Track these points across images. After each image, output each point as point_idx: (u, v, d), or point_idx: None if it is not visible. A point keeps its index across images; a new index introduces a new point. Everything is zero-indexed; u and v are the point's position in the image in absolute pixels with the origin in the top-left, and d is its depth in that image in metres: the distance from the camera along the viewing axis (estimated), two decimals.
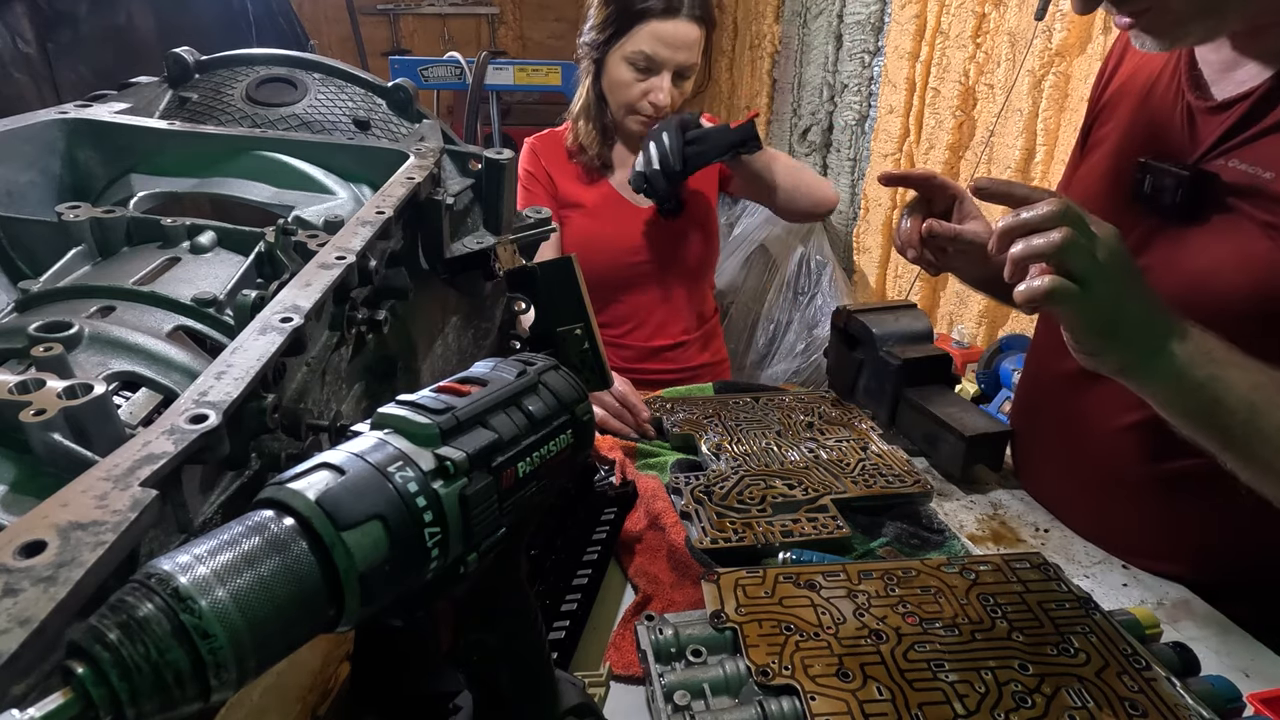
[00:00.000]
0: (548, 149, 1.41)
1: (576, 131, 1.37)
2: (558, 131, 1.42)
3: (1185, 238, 0.70)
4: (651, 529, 0.76)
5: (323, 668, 0.50)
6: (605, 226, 1.38)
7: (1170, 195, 0.69)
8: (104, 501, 0.26)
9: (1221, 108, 0.68)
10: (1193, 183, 0.68)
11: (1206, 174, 0.67)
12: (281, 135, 0.64)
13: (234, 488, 0.35)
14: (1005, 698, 0.53)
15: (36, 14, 2.04)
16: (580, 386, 0.40)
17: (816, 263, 2.59)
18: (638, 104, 1.30)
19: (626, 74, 1.28)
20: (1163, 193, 0.70)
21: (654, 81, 1.28)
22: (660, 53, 1.25)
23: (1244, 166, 0.65)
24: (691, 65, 1.29)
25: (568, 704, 0.46)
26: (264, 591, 0.25)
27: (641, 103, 1.29)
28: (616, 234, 1.38)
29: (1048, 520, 0.83)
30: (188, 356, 0.43)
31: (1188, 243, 0.69)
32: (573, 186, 1.39)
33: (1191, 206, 0.68)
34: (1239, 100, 0.66)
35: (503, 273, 0.71)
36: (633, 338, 1.44)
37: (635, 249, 1.39)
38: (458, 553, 0.32)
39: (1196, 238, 0.69)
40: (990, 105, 1.97)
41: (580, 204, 1.39)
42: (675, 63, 1.26)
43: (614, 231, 1.38)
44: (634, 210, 1.40)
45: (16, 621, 0.21)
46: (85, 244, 0.51)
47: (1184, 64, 0.73)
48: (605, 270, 1.35)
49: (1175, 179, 0.69)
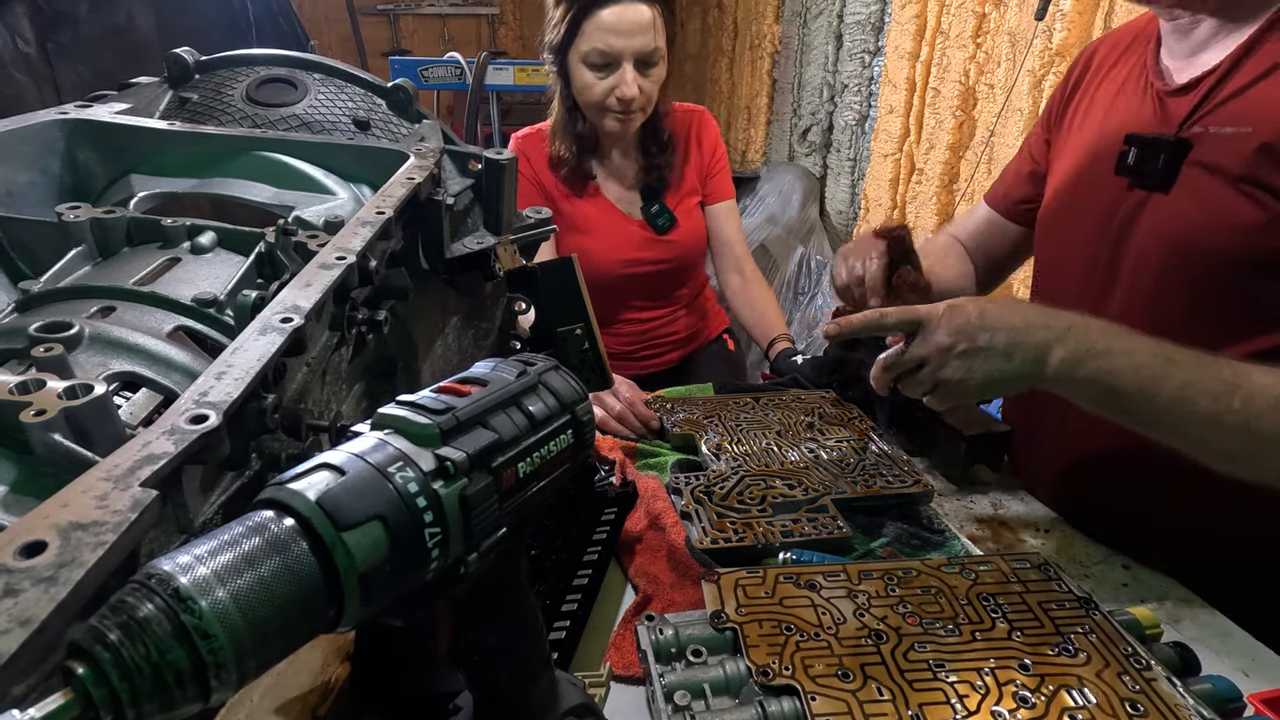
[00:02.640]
0: (536, 151, 1.37)
1: (555, 148, 1.34)
2: (543, 131, 1.39)
3: (1169, 204, 0.75)
4: (652, 529, 0.76)
5: (323, 668, 0.50)
6: (598, 241, 1.36)
7: (1153, 164, 0.75)
8: (104, 502, 0.26)
9: (1187, 88, 0.75)
10: (1174, 149, 0.73)
11: (1186, 141, 0.73)
12: (282, 135, 0.64)
13: (234, 488, 0.35)
14: (1005, 698, 0.53)
15: (36, 14, 2.04)
16: (581, 387, 0.40)
17: (816, 263, 2.59)
18: (606, 103, 1.25)
19: (588, 76, 1.24)
20: (1146, 162, 0.76)
21: (616, 76, 1.22)
22: (613, 44, 1.19)
23: (1222, 130, 0.71)
24: (652, 50, 1.22)
25: (568, 704, 0.46)
26: (264, 592, 0.25)
27: (609, 100, 1.25)
28: (609, 247, 1.36)
29: (1048, 520, 0.83)
30: (188, 357, 0.43)
31: (1171, 208, 0.75)
32: (562, 197, 1.36)
33: (1173, 173, 0.74)
34: (1203, 79, 0.73)
35: (503, 273, 0.71)
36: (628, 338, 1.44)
37: (629, 261, 1.37)
38: (458, 553, 0.32)
39: (1179, 203, 0.74)
40: (990, 105, 1.97)
41: (572, 217, 1.36)
42: (632, 50, 1.20)
43: (606, 245, 1.36)
44: (626, 222, 1.38)
45: (17, 622, 0.21)
46: (85, 244, 0.51)
47: (1150, 58, 0.81)
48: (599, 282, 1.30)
49: (1157, 147, 0.75)
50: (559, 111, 1.33)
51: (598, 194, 1.38)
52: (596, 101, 1.26)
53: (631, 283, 1.39)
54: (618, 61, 1.21)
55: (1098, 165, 0.83)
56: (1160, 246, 0.76)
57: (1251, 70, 0.70)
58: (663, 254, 1.39)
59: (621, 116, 1.27)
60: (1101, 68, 0.90)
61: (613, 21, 1.19)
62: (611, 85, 1.23)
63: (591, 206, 1.37)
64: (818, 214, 2.78)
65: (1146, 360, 0.63)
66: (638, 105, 1.25)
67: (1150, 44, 0.83)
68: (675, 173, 1.40)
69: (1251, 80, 0.70)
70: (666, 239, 1.39)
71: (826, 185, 2.82)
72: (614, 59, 1.21)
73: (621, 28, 1.19)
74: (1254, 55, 0.70)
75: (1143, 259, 0.78)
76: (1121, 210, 0.79)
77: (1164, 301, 0.76)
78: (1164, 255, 0.75)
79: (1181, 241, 0.74)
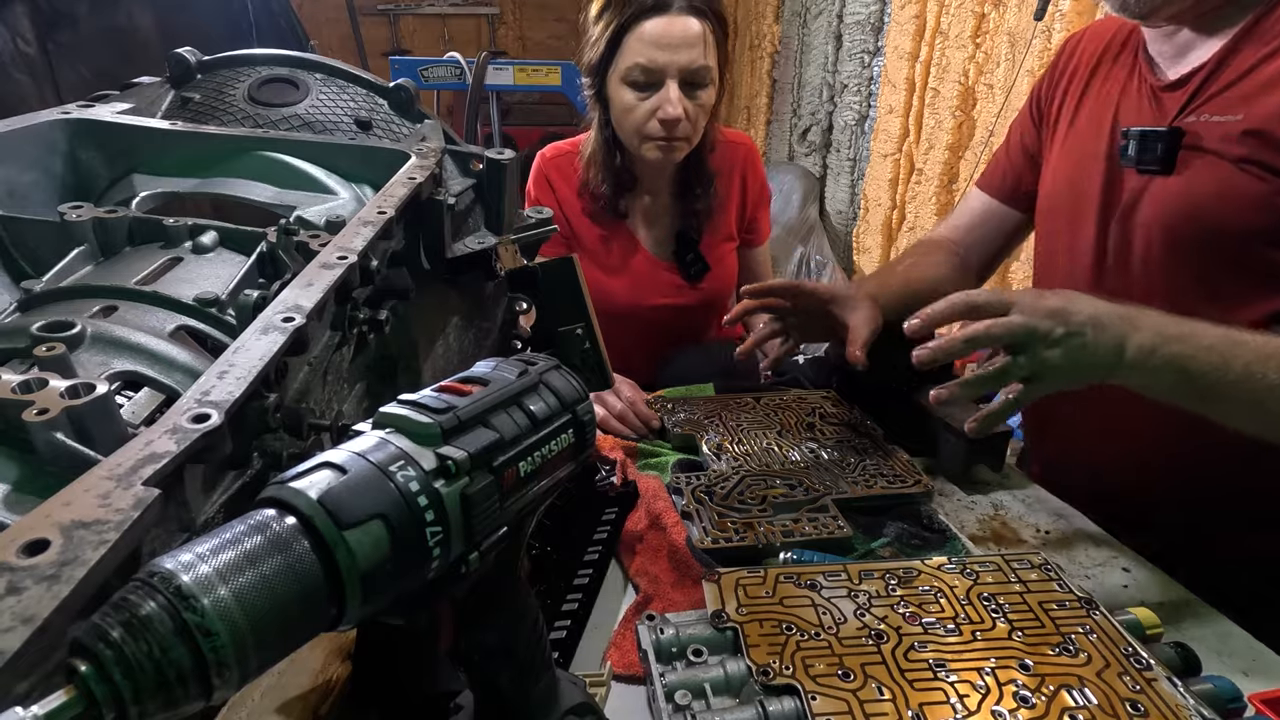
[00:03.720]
0: (563, 175, 1.26)
1: (588, 177, 1.23)
2: (572, 150, 1.27)
3: (1170, 187, 0.79)
4: (652, 529, 0.76)
5: (324, 667, 0.50)
6: (623, 283, 1.26)
7: (1152, 152, 0.79)
8: (107, 500, 0.26)
9: (1179, 83, 0.79)
10: (1171, 138, 0.78)
11: (1181, 130, 0.77)
12: (283, 135, 0.65)
13: (236, 487, 0.35)
14: (1006, 698, 0.53)
15: (37, 14, 2.04)
16: (582, 386, 0.40)
17: (816, 263, 2.59)
18: (647, 127, 1.12)
19: (629, 96, 1.11)
20: (1145, 151, 0.80)
21: (659, 96, 1.10)
22: (656, 57, 1.08)
23: (1215, 118, 0.75)
24: (701, 68, 1.10)
25: (568, 704, 0.46)
26: (266, 590, 0.25)
27: (650, 124, 1.12)
28: (635, 291, 1.26)
29: (1049, 521, 0.83)
30: (190, 356, 0.43)
31: (1173, 191, 0.78)
32: (588, 230, 1.26)
33: (1171, 159, 0.78)
34: (1194, 74, 0.78)
35: (504, 273, 0.71)
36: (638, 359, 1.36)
37: (654, 307, 1.27)
38: (459, 552, 0.32)
39: (1180, 185, 0.78)
40: (990, 105, 1.97)
41: (597, 253, 1.26)
42: (678, 66, 1.08)
43: (632, 289, 1.26)
44: (656, 267, 1.27)
45: (19, 620, 0.21)
46: (87, 244, 0.51)
47: (1141, 57, 0.85)
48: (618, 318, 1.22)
49: (1155, 136, 0.79)
50: (596, 141, 1.21)
51: (630, 236, 1.27)
52: (637, 126, 1.13)
53: (651, 325, 1.29)
54: (661, 79, 1.09)
55: (1098, 157, 0.86)
56: (1168, 223, 0.79)
57: (1238, 67, 0.75)
58: (690, 299, 1.29)
59: (664, 143, 1.14)
60: (1089, 58, 0.92)
61: (657, 34, 1.07)
62: (654, 106, 1.10)
63: (620, 247, 1.26)
64: (817, 214, 2.78)
65: (1214, 341, 0.64)
66: (682, 131, 1.13)
67: (1139, 39, 0.86)
68: (713, 218, 1.28)
69: (1241, 74, 0.74)
70: (700, 287, 1.29)
71: (826, 185, 2.82)
72: (658, 76, 1.09)
73: (667, 41, 1.07)
74: (1243, 49, 0.75)
75: (1151, 237, 0.80)
76: (1127, 193, 0.82)
77: (1176, 274, 0.79)
78: (1172, 230, 0.78)
79: (1187, 217, 0.77)
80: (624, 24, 1.09)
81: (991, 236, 1.07)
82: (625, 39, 1.10)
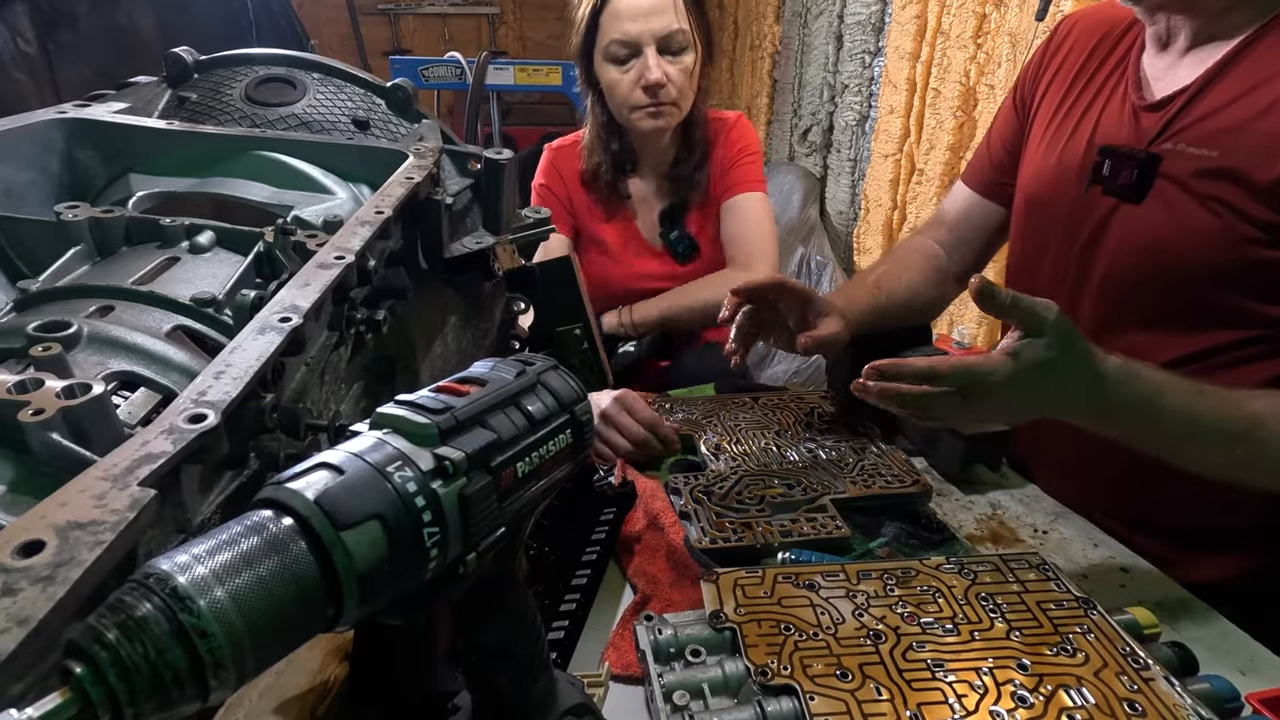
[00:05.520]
0: (568, 165, 1.31)
1: (590, 162, 1.29)
2: (577, 142, 1.32)
3: (1139, 215, 0.78)
4: (650, 529, 0.76)
5: (321, 667, 0.50)
6: (620, 268, 1.31)
7: (1126, 175, 0.78)
8: (102, 501, 0.26)
9: (1159, 105, 0.78)
10: (1144, 163, 0.77)
11: (1156, 156, 0.76)
12: (281, 135, 0.64)
13: (233, 487, 0.35)
14: (1004, 697, 0.53)
15: (36, 14, 2.04)
16: (580, 387, 0.40)
17: (816, 263, 2.59)
18: (633, 97, 1.18)
19: (613, 72, 1.18)
20: (1119, 173, 0.79)
21: (640, 64, 1.15)
22: (629, 29, 1.14)
23: (1190, 149, 0.74)
24: (675, 32, 1.15)
25: (567, 704, 0.46)
26: (263, 591, 0.25)
27: (636, 93, 1.17)
28: (631, 273, 1.31)
29: (1046, 521, 0.83)
30: (186, 356, 0.43)
31: (1142, 219, 0.78)
32: (592, 217, 1.31)
33: (1143, 185, 0.77)
34: (1175, 96, 0.76)
35: (502, 273, 0.71)
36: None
37: (648, 292, 1.29)
38: (456, 552, 0.32)
39: (1149, 214, 0.77)
40: (991, 106, 1.97)
41: (600, 240, 1.31)
42: (652, 33, 1.14)
43: (629, 270, 1.31)
44: (649, 250, 1.32)
45: (15, 621, 0.21)
46: (84, 244, 0.51)
47: (1131, 67, 0.83)
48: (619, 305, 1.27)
49: (1129, 160, 0.78)
50: (593, 126, 1.27)
51: (629, 220, 1.31)
52: (625, 97, 1.19)
53: None
54: (639, 49, 1.15)
55: (1071, 171, 0.85)
56: (1130, 256, 0.79)
57: (1223, 93, 0.73)
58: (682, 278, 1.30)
59: (653, 109, 1.18)
60: (1082, 49, 0.90)
61: (629, 7, 1.14)
62: (637, 76, 1.16)
63: (619, 232, 1.30)
64: (818, 214, 2.78)
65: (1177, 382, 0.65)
66: (667, 96, 1.17)
67: (1134, 50, 0.84)
68: (699, 192, 1.30)
69: (1221, 105, 0.73)
70: (689, 268, 1.30)
71: (827, 185, 2.82)
72: (635, 46, 1.15)
73: (638, 11, 1.14)
74: (1227, 76, 0.73)
75: (1113, 267, 0.81)
76: (1093, 217, 0.82)
77: (1132, 309, 0.80)
78: (1134, 264, 0.79)
79: (1151, 252, 0.77)
80: (599, 5, 1.17)
81: (975, 234, 1.05)
82: (601, 19, 1.17)
